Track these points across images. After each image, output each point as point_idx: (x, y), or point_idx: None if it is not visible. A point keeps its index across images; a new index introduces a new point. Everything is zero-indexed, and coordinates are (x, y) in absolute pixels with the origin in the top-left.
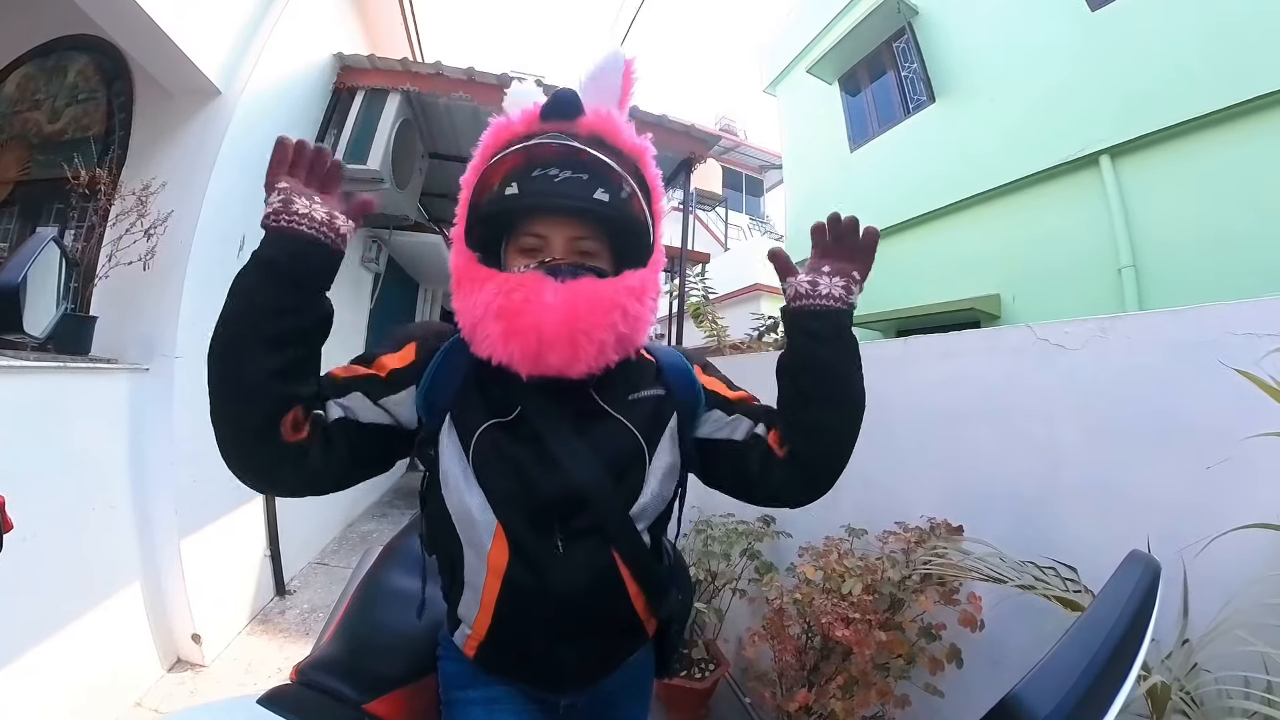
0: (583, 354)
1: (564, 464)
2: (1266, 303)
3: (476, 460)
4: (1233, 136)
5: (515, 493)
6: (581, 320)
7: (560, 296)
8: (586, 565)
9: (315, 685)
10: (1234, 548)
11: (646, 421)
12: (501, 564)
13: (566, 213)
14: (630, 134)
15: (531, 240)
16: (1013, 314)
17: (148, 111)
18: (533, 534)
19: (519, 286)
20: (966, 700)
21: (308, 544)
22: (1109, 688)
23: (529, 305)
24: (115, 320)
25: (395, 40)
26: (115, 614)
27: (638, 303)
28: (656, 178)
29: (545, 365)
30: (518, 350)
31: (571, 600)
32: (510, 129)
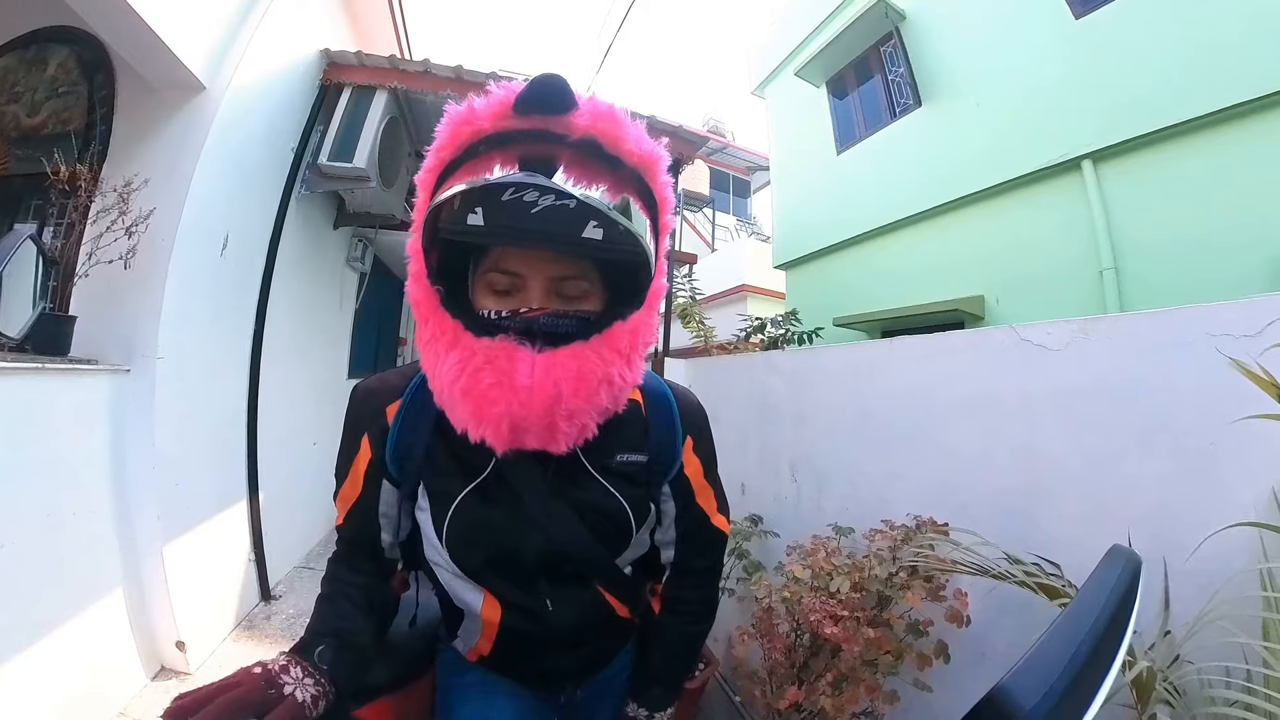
0: (563, 436)
1: (544, 526)
2: (1243, 304)
3: (450, 536)
4: (1210, 143)
5: (496, 562)
6: (563, 404)
7: (537, 376)
8: (576, 605)
9: None
10: (1214, 543)
11: (631, 486)
12: (495, 617)
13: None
14: (638, 138)
15: (504, 280)
16: (996, 315)
17: (130, 106)
18: (519, 592)
19: (486, 365)
20: (955, 695)
21: (293, 548)
22: (1093, 678)
23: (499, 390)
24: (95, 320)
25: (383, 37)
26: (96, 622)
27: (626, 366)
28: (667, 188)
29: (521, 445)
30: (489, 434)
31: (567, 633)
32: (473, 123)
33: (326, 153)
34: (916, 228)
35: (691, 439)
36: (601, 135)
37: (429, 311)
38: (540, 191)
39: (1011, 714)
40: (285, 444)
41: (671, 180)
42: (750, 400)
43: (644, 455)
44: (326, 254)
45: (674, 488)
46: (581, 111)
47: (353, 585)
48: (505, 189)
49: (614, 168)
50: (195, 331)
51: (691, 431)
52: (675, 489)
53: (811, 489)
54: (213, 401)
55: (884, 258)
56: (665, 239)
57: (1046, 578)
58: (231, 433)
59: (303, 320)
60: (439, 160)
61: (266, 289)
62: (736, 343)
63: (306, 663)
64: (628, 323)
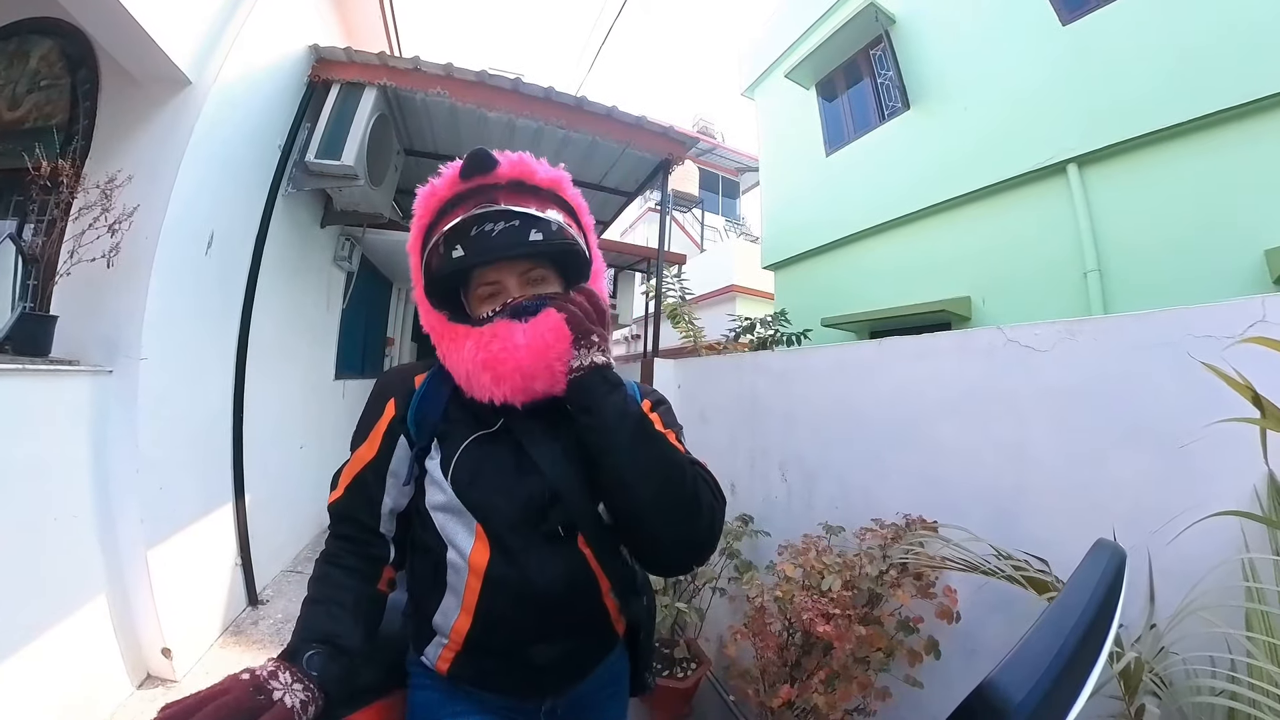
0: (560, 375)
1: (540, 465)
2: (1224, 306)
3: (459, 468)
4: (1193, 148)
5: (495, 494)
6: (551, 350)
7: (529, 335)
8: (563, 559)
9: None
10: (1196, 536)
11: None
12: (482, 563)
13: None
14: (544, 169)
15: (488, 289)
16: (983, 316)
17: (114, 101)
18: (511, 531)
19: (494, 337)
20: (946, 690)
21: (280, 552)
22: (1080, 671)
23: (506, 351)
24: (77, 320)
25: (373, 34)
26: (80, 629)
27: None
28: (577, 197)
29: (534, 393)
30: (508, 390)
31: (550, 596)
32: (436, 195)
33: (314, 150)
34: (904, 229)
35: (649, 401)
36: (520, 175)
37: (442, 329)
38: (493, 221)
39: (1001, 707)
40: (271, 446)
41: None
42: (740, 401)
43: None
44: (313, 253)
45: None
46: (502, 165)
47: (342, 587)
48: (472, 227)
49: (535, 193)
50: (179, 332)
51: (649, 396)
52: None
53: (801, 488)
54: (197, 403)
55: (872, 259)
56: (592, 234)
57: (1034, 573)
58: (216, 435)
59: (289, 320)
60: (420, 225)
61: (252, 288)
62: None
63: (295, 668)
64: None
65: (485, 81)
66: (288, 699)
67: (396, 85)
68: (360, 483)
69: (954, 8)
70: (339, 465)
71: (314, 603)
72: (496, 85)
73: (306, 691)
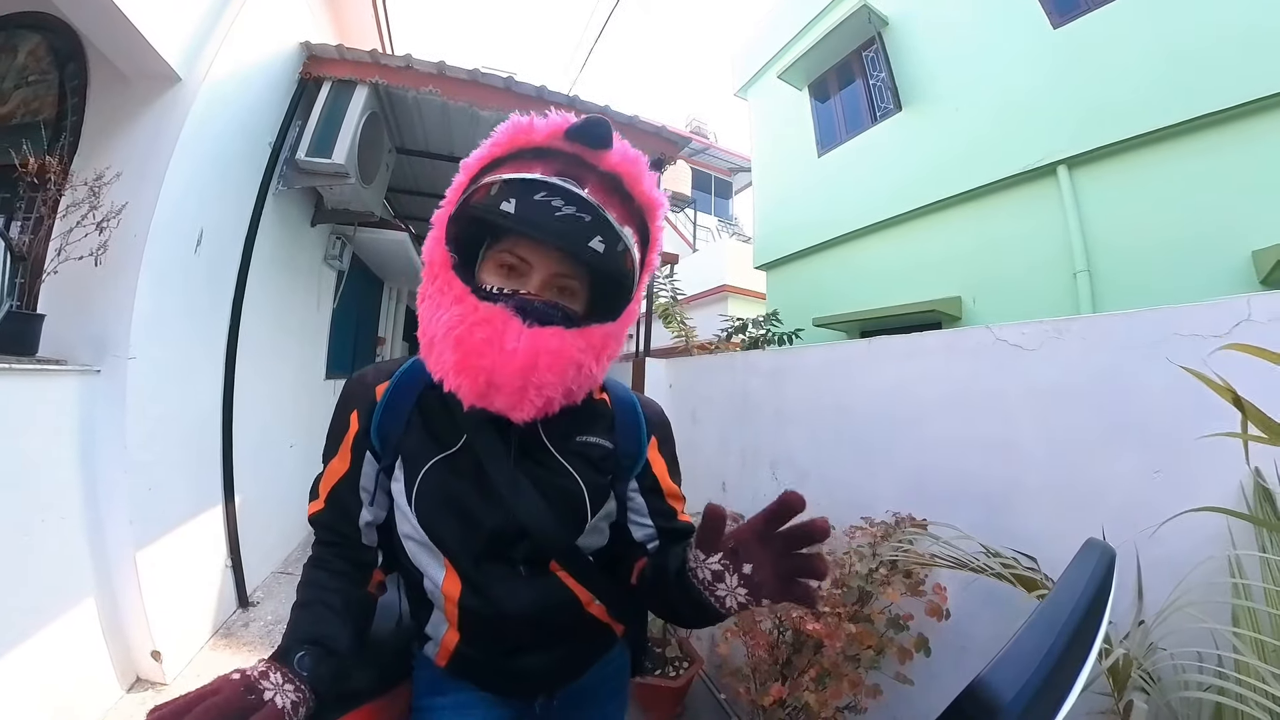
0: (528, 404)
1: (505, 498)
2: (1210, 306)
3: (420, 499)
4: (1181, 151)
5: (458, 530)
6: (536, 374)
7: (523, 344)
8: (535, 587)
9: None
10: (1183, 534)
11: (590, 469)
12: (455, 593)
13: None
14: (651, 184)
15: (513, 260)
16: (973, 315)
17: (103, 97)
18: (476, 566)
19: (484, 322)
20: (936, 687)
21: (270, 553)
22: (1071, 668)
23: (489, 346)
24: (64, 319)
25: (365, 31)
26: (68, 633)
27: (595, 363)
28: (661, 232)
29: (488, 404)
30: (466, 384)
31: (527, 619)
32: (530, 134)
33: (305, 148)
34: (896, 230)
35: (656, 439)
36: (625, 174)
37: (440, 269)
38: (566, 200)
39: (992, 705)
40: (261, 446)
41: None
42: (731, 400)
43: (609, 444)
44: (303, 251)
45: (641, 483)
46: (614, 151)
47: (330, 590)
48: (540, 189)
49: (625, 202)
50: (168, 331)
51: (656, 432)
52: (643, 484)
53: (792, 486)
54: (186, 403)
55: (864, 259)
56: (647, 275)
57: (1023, 570)
58: (206, 435)
59: (279, 319)
60: (490, 153)
61: (242, 287)
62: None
63: (286, 669)
64: (603, 328)
65: (478, 80)
66: (279, 699)
67: (388, 83)
68: (336, 496)
69: (946, 10)
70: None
71: (302, 606)
72: (489, 84)
73: (298, 692)
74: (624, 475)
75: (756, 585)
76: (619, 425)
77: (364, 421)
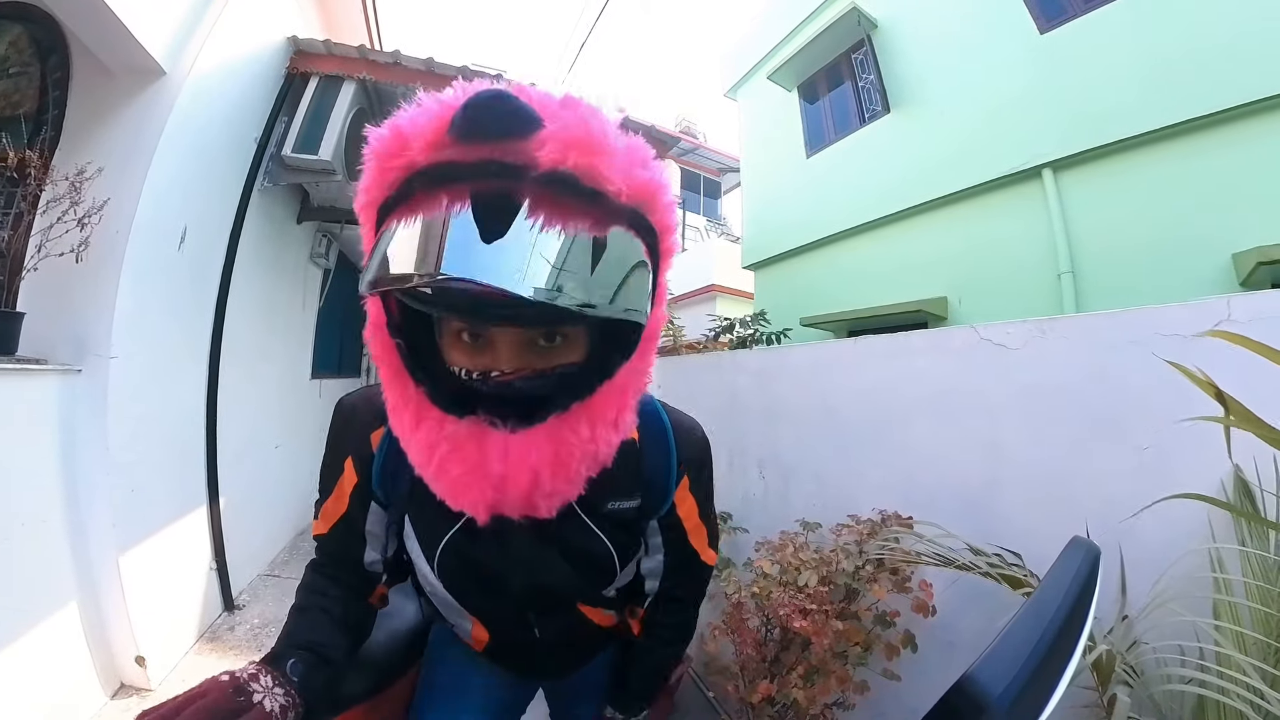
0: (545, 509)
1: (531, 565)
2: (1191, 306)
3: (441, 570)
4: (1164, 155)
5: (485, 599)
6: (540, 487)
7: (510, 462)
8: (560, 628)
9: None
10: (1164, 529)
11: (619, 530)
12: (483, 638)
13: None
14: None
15: (469, 334)
16: (959, 315)
17: (85, 90)
18: (505, 621)
19: (454, 452)
20: (924, 683)
21: (256, 555)
22: (1058, 663)
23: (472, 478)
24: (44, 317)
25: (353, 26)
26: (50, 639)
27: (613, 431)
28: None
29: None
30: (467, 508)
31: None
32: (404, 155)
33: (291, 144)
34: (883, 230)
35: (688, 478)
36: (577, 168)
37: (391, 372)
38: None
39: (981, 700)
40: (246, 447)
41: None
42: (719, 399)
43: (636, 500)
44: (289, 249)
45: (662, 524)
46: (545, 137)
47: (329, 597)
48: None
49: (596, 201)
50: (151, 329)
51: (690, 469)
52: (664, 526)
53: (779, 485)
54: (170, 403)
55: (851, 259)
56: (666, 265)
57: (1008, 567)
58: (190, 436)
59: (264, 318)
60: (370, 197)
61: (226, 285)
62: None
63: (277, 672)
64: (615, 381)
65: (468, 78)
66: (267, 702)
67: (376, 79)
68: (336, 535)
69: (935, 14)
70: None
71: (300, 610)
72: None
73: (287, 696)
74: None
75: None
76: (647, 469)
77: (361, 473)
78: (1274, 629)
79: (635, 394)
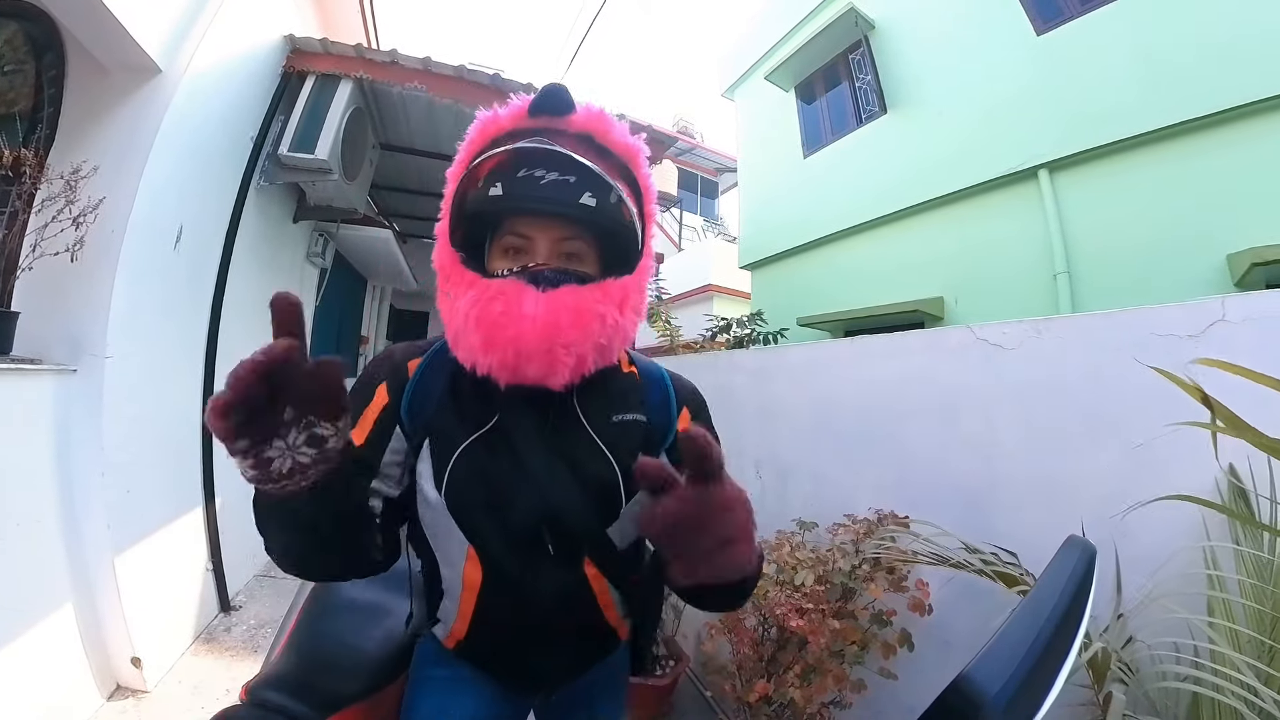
0: (561, 366)
1: (541, 481)
2: (1186, 307)
3: (450, 483)
4: (1159, 157)
5: (488, 516)
6: (561, 334)
7: (540, 308)
8: (562, 581)
9: (267, 704)
10: (1158, 528)
11: (622, 449)
12: (476, 580)
13: (551, 215)
14: (622, 133)
15: (515, 240)
16: (955, 315)
17: (80, 88)
18: (505, 553)
19: (498, 295)
20: (921, 681)
21: (252, 556)
22: (1054, 662)
23: (508, 317)
24: (39, 317)
25: (350, 25)
26: (45, 640)
27: (618, 312)
28: (648, 178)
29: (523, 377)
30: (495, 362)
31: (545, 612)
32: (497, 124)
33: (287, 143)
34: (880, 231)
35: (688, 410)
36: (594, 131)
37: (451, 268)
38: (547, 168)
39: (978, 698)
40: None
41: (651, 173)
42: (715, 399)
43: (642, 415)
44: (285, 248)
45: (672, 456)
46: (579, 113)
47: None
48: (521, 166)
49: (604, 156)
50: (146, 329)
51: (688, 404)
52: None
53: (775, 485)
54: (165, 403)
55: (848, 259)
56: (652, 225)
57: (1004, 566)
58: (185, 436)
59: (260, 318)
60: (468, 154)
61: (222, 285)
62: (702, 342)
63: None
64: (619, 281)
65: (464, 76)
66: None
67: (373, 78)
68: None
69: (932, 15)
70: None
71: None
72: (475, 80)
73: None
74: (655, 451)
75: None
76: (647, 397)
77: (394, 396)
78: (1268, 626)
79: (635, 295)
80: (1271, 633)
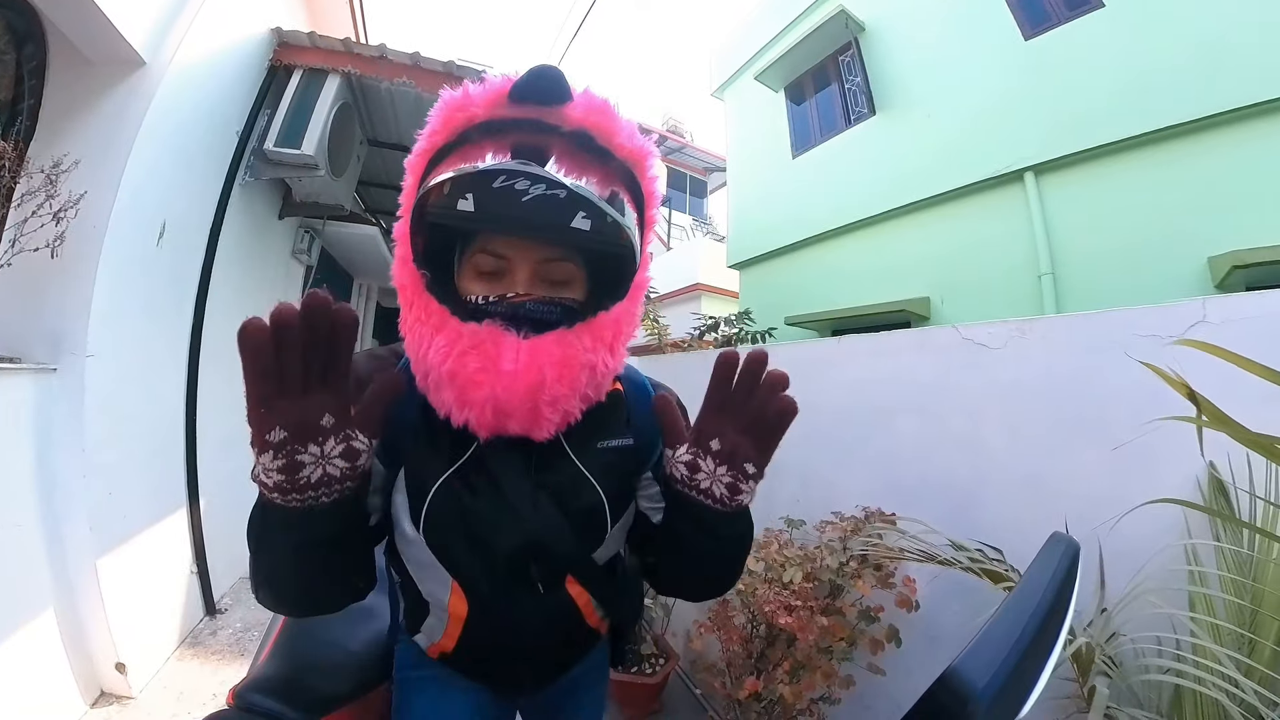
0: (545, 422)
1: (524, 515)
2: (1168, 308)
3: (429, 520)
4: (1144, 161)
5: (471, 551)
6: (546, 389)
7: (522, 361)
8: (544, 605)
9: (254, 708)
10: (1141, 524)
11: (611, 476)
12: (462, 613)
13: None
14: (630, 134)
15: (490, 261)
16: (941, 315)
17: (62, 80)
18: (490, 586)
19: (474, 349)
20: (908, 677)
21: (237, 559)
22: (1039, 656)
23: (485, 375)
24: (18, 314)
25: (338, 19)
26: (26, 646)
27: (610, 355)
28: (654, 183)
29: (504, 431)
30: (473, 419)
31: (532, 634)
32: (467, 110)
33: (273, 138)
34: (867, 231)
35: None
36: (594, 128)
37: (415, 295)
38: (531, 180)
39: (965, 692)
40: (226, 447)
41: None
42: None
43: (629, 439)
44: (271, 245)
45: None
46: (576, 104)
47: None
48: (497, 176)
49: (604, 160)
50: (128, 327)
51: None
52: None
53: (763, 483)
54: (148, 403)
55: (835, 259)
56: (650, 233)
57: (989, 562)
58: (168, 436)
59: (245, 315)
60: (430, 144)
61: (206, 282)
62: (690, 341)
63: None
64: (611, 313)
65: (452, 72)
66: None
67: (361, 73)
68: None
69: (922, 19)
70: None
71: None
72: (463, 76)
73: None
74: (642, 469)
75: (730, 455)
76: (634, 413)
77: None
78: (1247, 620)
79: (627, 327)
80: (1251, 626)
